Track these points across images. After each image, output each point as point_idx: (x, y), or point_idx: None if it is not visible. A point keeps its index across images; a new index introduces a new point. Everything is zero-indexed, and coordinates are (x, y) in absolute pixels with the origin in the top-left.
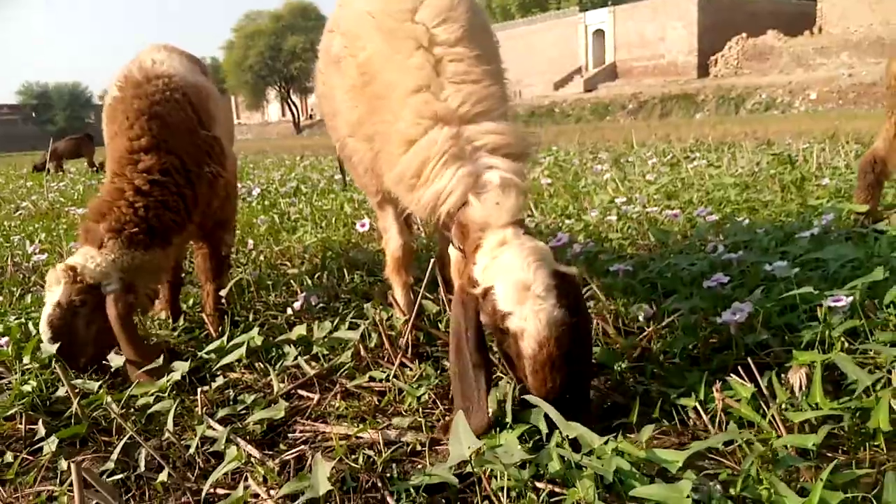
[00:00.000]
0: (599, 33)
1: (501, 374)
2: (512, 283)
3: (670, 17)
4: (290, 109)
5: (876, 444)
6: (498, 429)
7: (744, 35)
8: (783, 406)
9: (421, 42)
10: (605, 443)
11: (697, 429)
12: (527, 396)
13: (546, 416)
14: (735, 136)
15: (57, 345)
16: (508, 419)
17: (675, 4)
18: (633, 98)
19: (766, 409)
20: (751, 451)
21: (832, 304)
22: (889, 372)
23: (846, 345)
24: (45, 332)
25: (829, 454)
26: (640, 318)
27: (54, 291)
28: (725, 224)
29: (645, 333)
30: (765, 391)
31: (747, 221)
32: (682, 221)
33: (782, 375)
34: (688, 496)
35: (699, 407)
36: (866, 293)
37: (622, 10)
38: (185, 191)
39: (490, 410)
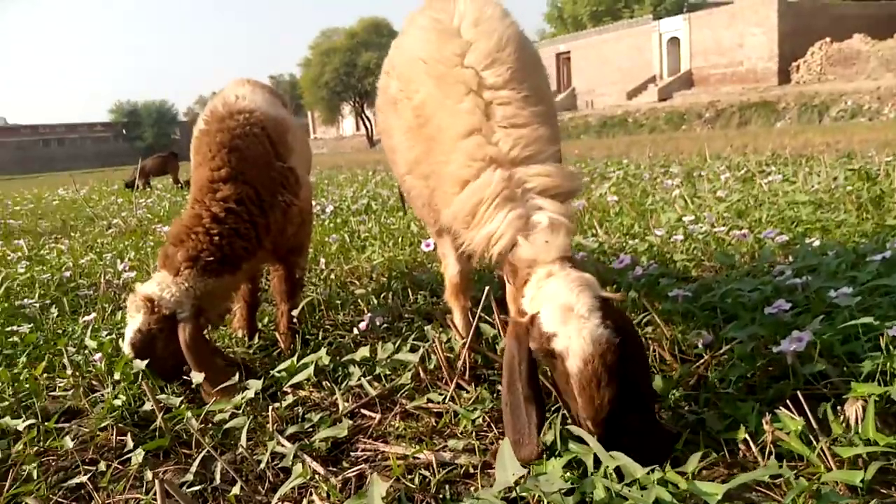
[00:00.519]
0: (674, 41)
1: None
2: (556, 306)
3: (748, 24)
4: (364, 124)
5: None
6: (546, 455)
7: (828, 39)
8: (835, 440)
9: (470, 86)
10: (649, 473)
11: (747, 461)
12: (570, 427)
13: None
14: (816, 146)
15: (145, 361)
16: (558, 448)
17: (753, 10)
18: (710, 106)
19: (816, 442)
20: (795, 486)
21: None
22: None
23: None
24: (129, 352)
25: (883, 490)
26: (699, 346)
27: (135, 318)
28: (795, 245)
29: (702, 361)
30: (814, 424)
31: (818, 243)
32: (751, 242)
33: (839, 408)
34: None
35: (749, 439)
36: None
37: (698, 17)
38: (258, 219)
39: (540, 443)
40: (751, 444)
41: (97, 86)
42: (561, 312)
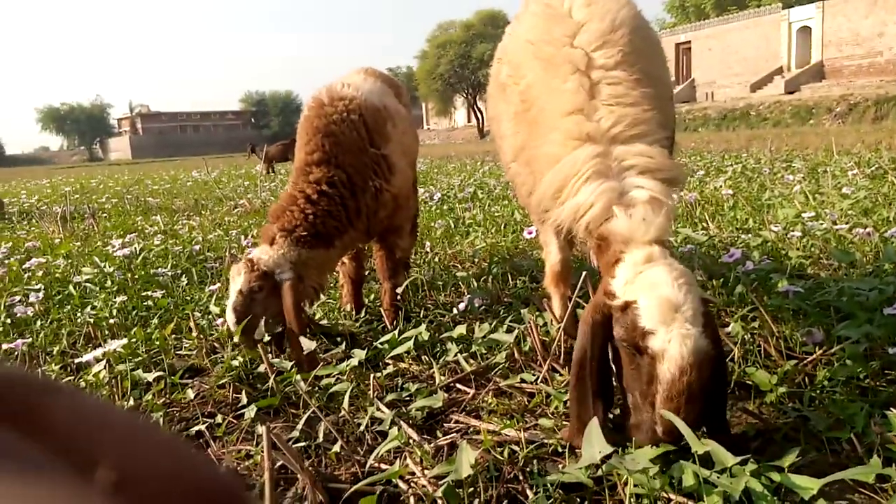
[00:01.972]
0: (805, 30)
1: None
2: (660, 301)
3: (891, 11)
4: (476, 115)
5: None
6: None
7: None
8: None
9: (578, 66)
10: (741, 462)
11: (851, 461)
12: (662, 412)
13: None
14: None
15: (241, 324)
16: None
17: None
18: (843, 100)
19: None
20: None
21: None
22: None
23: None
24: (230, 316)
25: None
26: (808, 343)
27: (237, 281)
28: None
29: (810, 359)
30: None
31: None
32: (875, 241)
33: None
34: None
35: (854, 439)
36: None
37: (832, 5)
38: (349, 202)
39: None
40: (856, 444)
41: (230, 76)
42: (665, 309)
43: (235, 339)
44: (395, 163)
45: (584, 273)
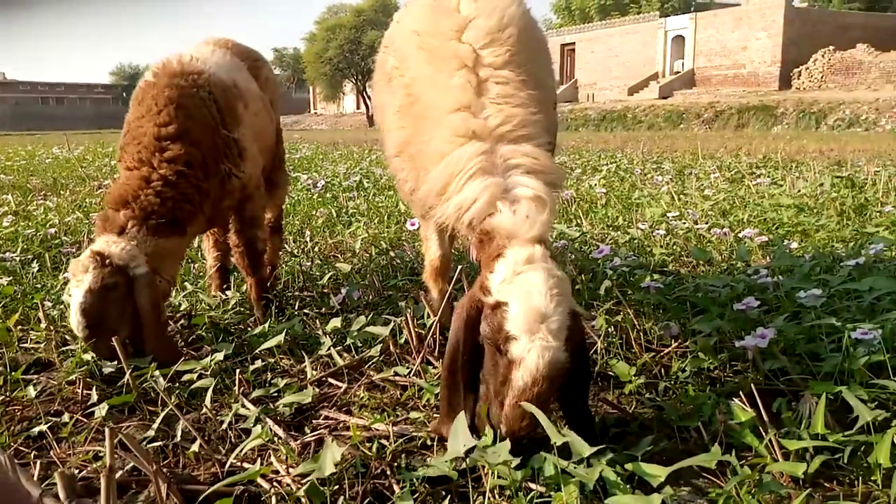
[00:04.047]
0: (679, 39)
1: None
2: (529, 309)
3: (754, 27)
4: (365, 102)
5: (874, 478)
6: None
7: (831, 48)
8: (786, 434)
9: (465, 62)
10: (598, 452)
11: (698, 448)
12: (523, 404)
13: None
14: (809, 153)
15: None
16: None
17: (760, 14)
18: (710, 107)
19: (766, 434)
20: (740, 473)
21: (859, 337)
22: None
23: (869, 379)
24: (78, 321)
25: (826, 484)
26: (666, 336)
27: (83, 280)
28: (774, 247)
29: (667, 351)
30: (766, 418)
31: (796, 245)
32: (731, 241)
33: (793, 404)
34: None
35: (702, 427)
36: None
37: (704, 17)
38: (202, 184)
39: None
40: (703, 432)
41: (101, 48)
42: (531, 318)
43: (82, 345)
44: (245, 147)
45: (459, 268)
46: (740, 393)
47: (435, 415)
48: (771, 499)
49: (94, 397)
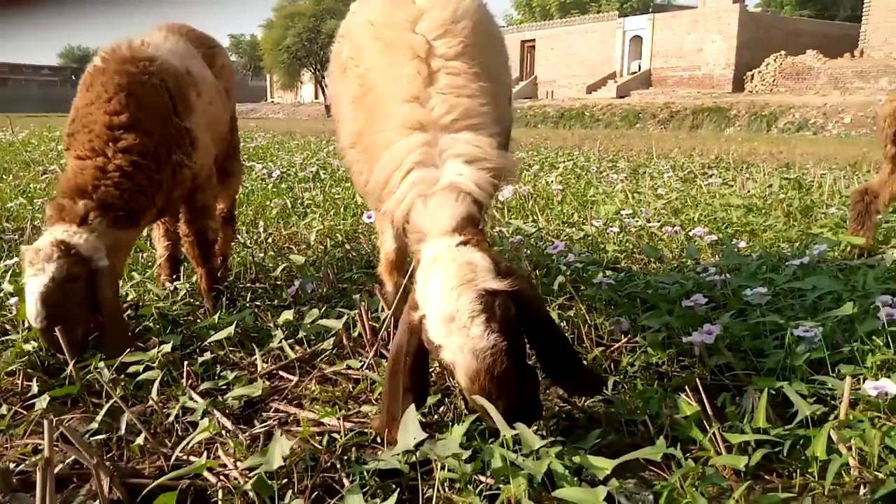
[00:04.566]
0: (637, 40)
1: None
2: (437, 315)
3: (710, 30)
4: (323, 92)
5: (811, 471)
6: (451, 423)
7: (783, 53)
8: (730, 428)
9: (418, 53)
10: (547, 445)
11: (645, 442)
12: (473, 396)
13: None
14: (759, 154)
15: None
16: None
17: (715, 17)
18: (666, 108)
19: (710, 428)
20: (684, 466)
21: (801, 334)
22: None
23: (809, 375)
24: (37, 311)
25: (766, 476)
26: (616, 331)
27: (45, 269)
28: (723, 245)
29: (617, 346)
30: (709, 411)
31: (744, 244)
32: (682, 239)
33: (737, 398)
34: (604, 500)
35: (648, 421)
36: (839, 326)
37: (661, 18)
38: (155, 175)
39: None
40: (650, 426)
41: (48, 29)
42: (443, 324)
43: (35, 335)
44: (197, 137)
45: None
46: (686, 388)
47: None
48: (713, 491)
49: (35, 388)
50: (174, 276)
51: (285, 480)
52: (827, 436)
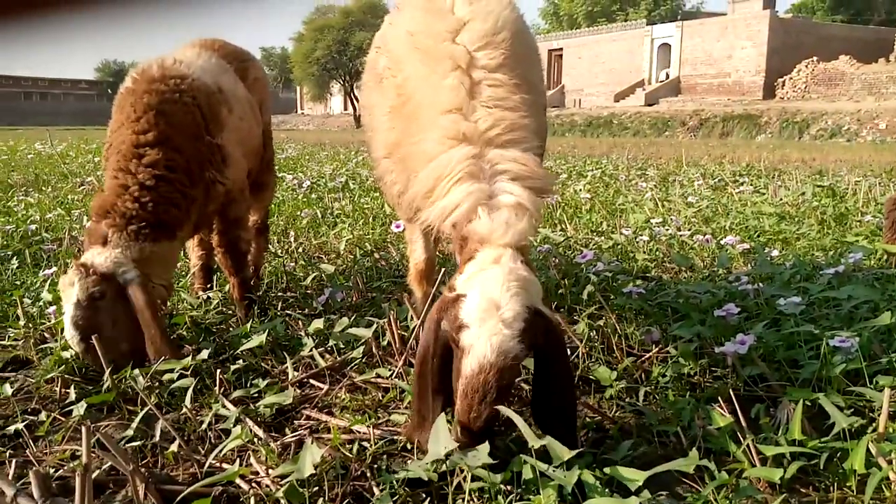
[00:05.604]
0: (665, 47)
1: None
2: (482, 299)
3: (739, 37)
4: (352, 103)
5: (849, 484)
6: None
7: (815, 59)
8: (764, 439)
9: (459, 63)
10: (577, 456)
11: (677, 453)
12: (500, 408)
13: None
14: (791, 162)
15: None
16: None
17: (745, 23)
18: (695, 115)
19: (744, 440)
20: (717, 478)
21: (836, 345)
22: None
23: (846, 386)
24: (71, 334)
25: (802, 490)
26: (647, 341)
27: (70, 294)
28: (755, 254)
29: (648, 356)
30: (744, 424)
31: (777, 253)
32: (713, 247)
33: (772, 410)
34: None
35: (681, 432)
36: (876, 336)
37: (690, 26)
38: (189, 191)
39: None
40: (682, 437)
41: (85, 43)
42: (484, 307)
43: (76, 353)
44: (230, 153)
45: (443, 270)
46: (719, 399)
47: None
48: None
49: (73, 396)
50: (207, 286)
51: (316, 488)
52: (865, 448)
